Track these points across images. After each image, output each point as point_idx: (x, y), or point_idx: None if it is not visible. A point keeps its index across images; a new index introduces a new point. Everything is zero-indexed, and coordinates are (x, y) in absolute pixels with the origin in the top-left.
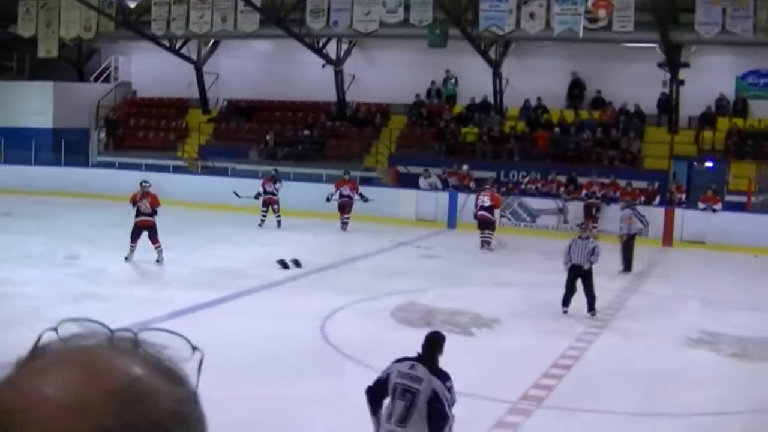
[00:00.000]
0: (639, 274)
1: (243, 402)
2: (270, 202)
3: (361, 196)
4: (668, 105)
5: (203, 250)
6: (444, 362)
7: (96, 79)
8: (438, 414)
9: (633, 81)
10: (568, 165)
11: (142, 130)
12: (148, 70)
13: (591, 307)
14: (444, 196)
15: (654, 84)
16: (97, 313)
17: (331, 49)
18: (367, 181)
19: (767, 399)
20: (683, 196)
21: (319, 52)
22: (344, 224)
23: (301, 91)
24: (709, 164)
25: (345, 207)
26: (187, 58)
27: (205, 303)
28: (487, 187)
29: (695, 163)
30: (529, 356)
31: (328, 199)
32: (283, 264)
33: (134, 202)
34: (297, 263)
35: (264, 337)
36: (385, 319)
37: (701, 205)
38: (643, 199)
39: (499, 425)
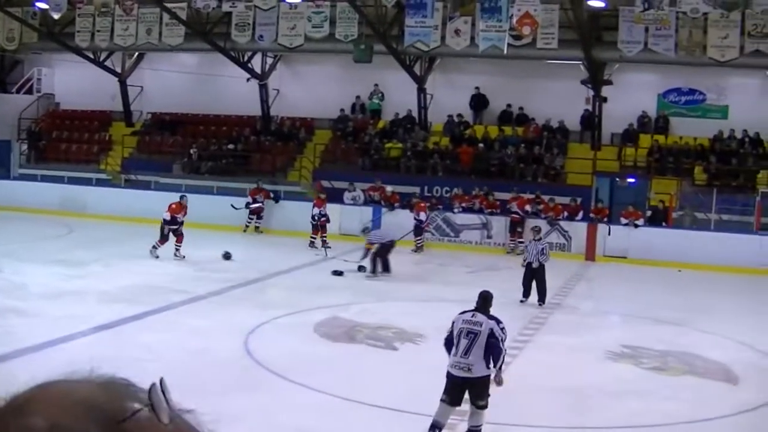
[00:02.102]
0: (561, 289)
1: None
2: (258, 212)
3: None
4: (591, 122)
5: (126, 265)
6: (368, 377)
7: (18, 91)
8: (494, 347)
9: (557, 98)
10: (491, 181)
11: (64, 142)
12: (72, 81)
13: (541, 299)
14: (368, 211)
15: (577, 101)
16: (19, 328)
17: (256, 64)
18: (290, 196)
19: (688, 412)
20: (605, 219)
21: (244, 66)
22: (254, 227)
23: (226, 105)
24: (631, 180)
25: (258, 213)
26: (111, 71)
27: (127, 318)
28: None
29: (617, 179)
30: None
31: (247, 205)
32: (226, 256)
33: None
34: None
35: (186, 352)
36: (307, 334)
37: (623, 221)
38: (566, 214)
39: None
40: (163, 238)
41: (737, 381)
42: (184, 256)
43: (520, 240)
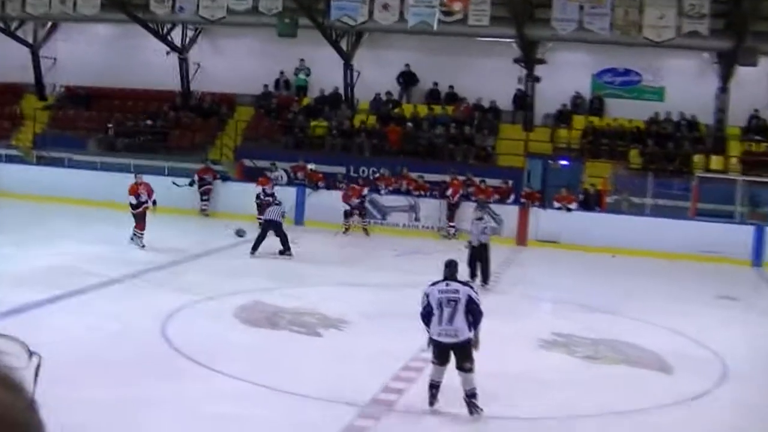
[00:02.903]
0: (492, 274)
1: (80, 405)
2: (208, 192)
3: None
4: (524, 102)
5: (39, 246)
6: (290, 364)
7: None
8: (476, 311)
9: (488, 76)
10: (420, 161)
11: None
12: None
13: (484, 279)
14: (291, 192)
15: (510, 80)
16: None
17: (176, 36)
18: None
19: (619, 401)
20: (537, 202)
21: (164, 38)
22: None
23: (144, 79)
24: (564, 163)
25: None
26: (23, 41)
27: (39, 301)
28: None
29: (550, 162)
30: (379, 359)
31: (191, 183)
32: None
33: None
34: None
35: (102, 337)
36: (228, 320)
37: (556, 204)
38: (496, 197)
39: (348, 429)
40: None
41: (671, 370)
42: (143, 246)
43: (451, 225)
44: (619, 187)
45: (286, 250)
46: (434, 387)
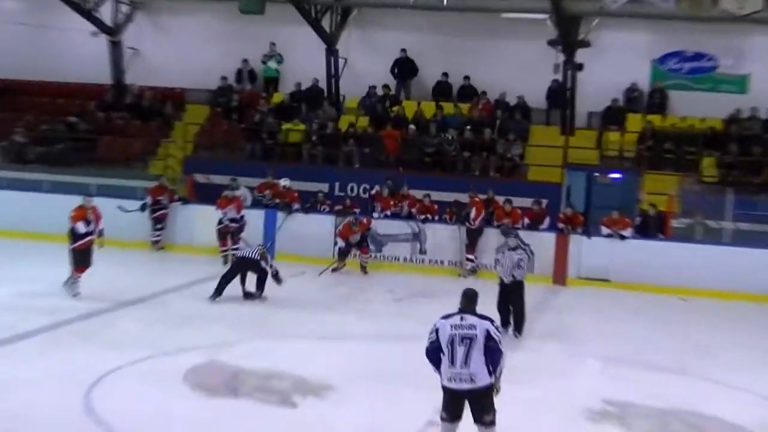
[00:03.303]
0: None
1: None
2: (162, 218)
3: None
4: (562, 97)
5: None
6: None
7: None
8: (494, 351)
9: (515, 65)
10: (426, 175)
11: None
12: None
13: (517, 328)
14: (257, 216)
15: (543, 69)
16: None
17: (106, 13)
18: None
19: None
20: (580, 228)
21: (89, 15)
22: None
23: (63, 69)
24: (615, 176)
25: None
26: None
27: None
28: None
29: (597, 175)
30: None
31: (142, 208)
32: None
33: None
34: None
35: (4, 410)
36: (174, 385)
37: (604, 230)
38: (526, 222)
39: None
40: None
41: None
42: (77, 293)
43: (469, 258)
44: (689, 207)
45: (257, 291)
46: None
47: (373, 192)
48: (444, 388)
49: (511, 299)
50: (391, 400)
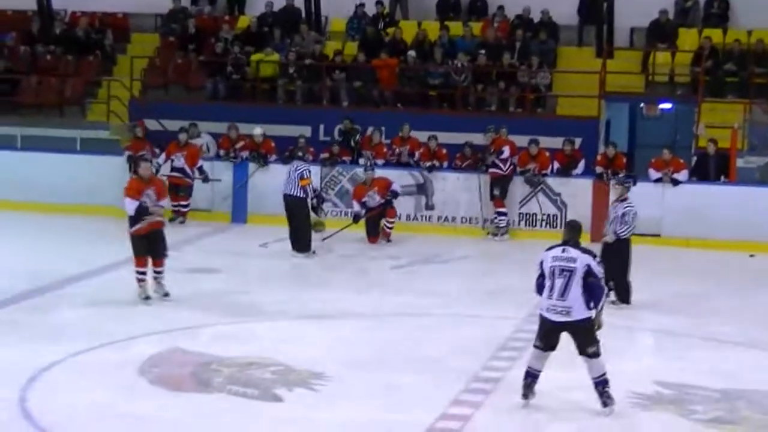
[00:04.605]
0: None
1: None
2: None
3: (200, 171)
4: (597, 10)
5: None
6: None
7: None
8: (594, 287)
9: None
10: (430, 112)
11: None
12: None
13: (622, 296)
14: (223, 171)
15: None
16: None
17: None
18: (91, 147)
19: None
20: (621, 172)
21: None
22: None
23: None
24: (665, 106)
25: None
26: None
27: None
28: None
29: (642, 106)
30: None
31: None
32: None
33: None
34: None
35: None
36: (129, 379)
37: (653, 174)
38: (556, 166)
39: None
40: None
41: None
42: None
43: (501, 212)
44: (758, 143)
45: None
46: (531, 376)
47: (361, 136)
48: (540, 317)
49: (613, 262)
50: (392, 390)
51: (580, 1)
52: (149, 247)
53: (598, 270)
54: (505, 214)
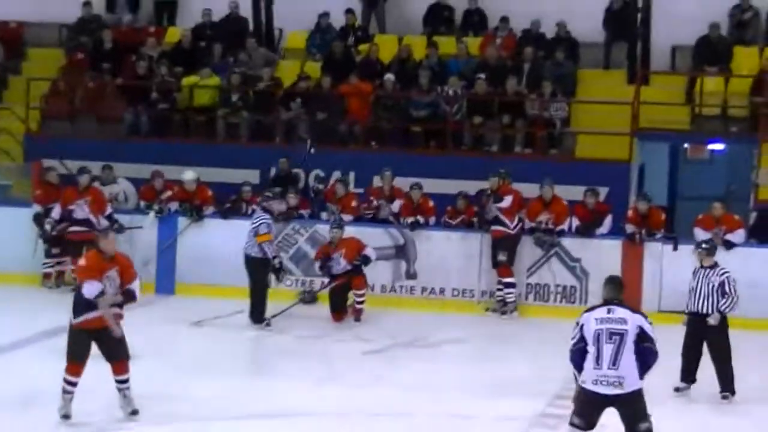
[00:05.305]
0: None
1: None
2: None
3: (111, 220)
4: (628, 24)
5: None
6: None
7: None
8: (648, 353)
9: None
10: (413, 152)
11: None
12: None
13: (726, 387)
14: (148, 225)
15: None
16: None
17: None
18: None
19: None
20: (658, 232)
21: None
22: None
23: None
24: (716, 147)
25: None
26: None
27: None
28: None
29: (687, 146)
30: None
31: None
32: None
33: None
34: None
35: None
36: None
37: (701, 235)
38: (575, 223)
39: None
40: None
41: None
42: None
43: (509, 282)
44: None
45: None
46: None
47: (321, 186)
48: (584, 391)
49: (713, 344)
50: None
51: (607, 11)
52: (102, 348)
53: (652, 332)
54: (513, 285)
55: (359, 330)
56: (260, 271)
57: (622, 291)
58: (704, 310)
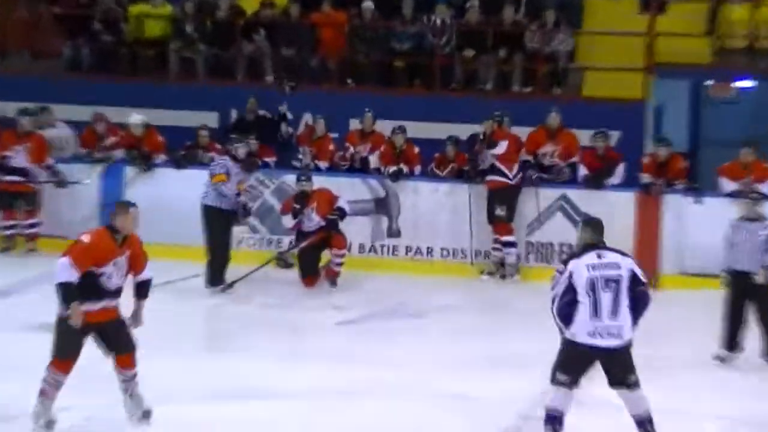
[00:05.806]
0: None
1: None
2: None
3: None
4: None
5: None
6: None
7: None
8: (643, 295)
9: None
10: (394, 92)
11: None
12: None
13: None
14: (89, 173)
15: None
16: None
17: None
18: None
19: None
20: (679, 181)
21: None
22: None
23: None
24: (743, 85)
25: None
26: None
27: None
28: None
29: (710, 84)
30: None
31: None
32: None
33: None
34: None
35: None
36: None
37: (727, 185)
38: (583, 171)
39: None
40: None
41: None
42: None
43: (509, 241)
44: None
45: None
46: (556, 421)
47: (289, 129)
48: (574, 345)
49: (760, 306)
50: None
51: None
52: (105, 341)
53: (644, 275)
54: (514, 244)
55: (333, 298)
56: (219, 222)
57: (602, 232)
58: (748, 268)
